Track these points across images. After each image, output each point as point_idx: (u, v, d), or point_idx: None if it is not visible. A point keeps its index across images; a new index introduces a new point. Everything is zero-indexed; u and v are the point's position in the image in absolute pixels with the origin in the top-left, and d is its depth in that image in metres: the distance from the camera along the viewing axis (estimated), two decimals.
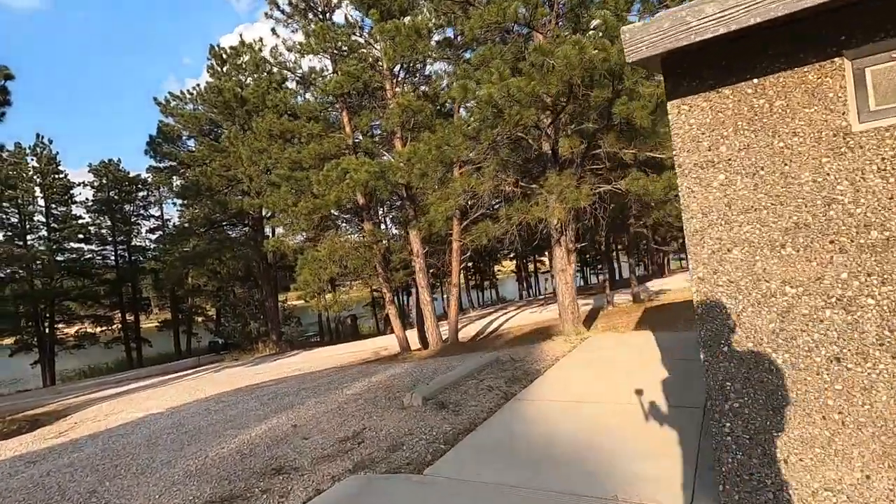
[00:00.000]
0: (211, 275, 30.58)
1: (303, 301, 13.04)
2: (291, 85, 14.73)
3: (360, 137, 14.66)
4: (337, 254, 12.44)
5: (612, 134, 8.46)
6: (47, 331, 29.92)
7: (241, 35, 12.87)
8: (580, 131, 8.34)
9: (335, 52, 13.37)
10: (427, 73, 14.79)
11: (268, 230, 23.16)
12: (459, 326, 19.52)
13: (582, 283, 38.80)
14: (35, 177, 30.90)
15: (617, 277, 31.89)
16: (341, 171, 11.72)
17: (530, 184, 9.67)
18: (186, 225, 23.85)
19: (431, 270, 26.55)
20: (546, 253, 41.10)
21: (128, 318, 35.47)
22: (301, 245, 13.64)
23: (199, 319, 36.47)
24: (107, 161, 34.03)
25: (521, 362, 6.95)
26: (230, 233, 25.97)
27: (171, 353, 35.24)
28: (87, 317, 32.93)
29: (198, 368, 21.08)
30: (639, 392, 4.53)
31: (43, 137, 31.47)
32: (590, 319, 13.02)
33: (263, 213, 21.41)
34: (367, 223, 13.85)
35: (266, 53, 13.06)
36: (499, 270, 40.61)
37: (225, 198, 19.95)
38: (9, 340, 30.08)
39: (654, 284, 21.01)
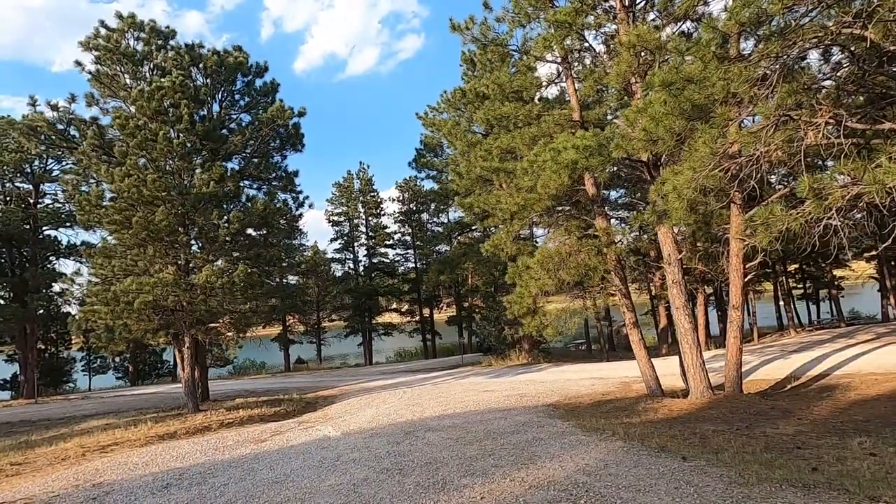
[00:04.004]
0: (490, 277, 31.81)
1: (512, 315, 10.69)
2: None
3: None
4: (552, 261, 9.67)
5: None
6: (367, 319, 37.04)
7: (451, 19, 11.57)
8: None
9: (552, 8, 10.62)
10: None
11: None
12: (764, 357, 13.67)
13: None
14: (359, 196, 38.72)
15: None
16: (550, 153, 8.96)
17: (874, 125, 4.78)
18: (437, 230, 24.86)
19: (723, 280, 19.96)
20: None
21: (424, 312, 40.70)
22: (517, 249, 11.30)
23: (477, 317, 38.79)
24: (408, 178, 39.93)
25: None
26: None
27: (455, 347, 38.66)
28: (393, 310, 39.27)
29: (453, 370, 21.55)
30: None
31: (364, 164, 39.28)
32: None
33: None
34: (600, 219, 10.48)
35: (475, 31, 11.35)
36: (842, 277, 28.70)
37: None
38: (343, 324, 38.62)
39: None
